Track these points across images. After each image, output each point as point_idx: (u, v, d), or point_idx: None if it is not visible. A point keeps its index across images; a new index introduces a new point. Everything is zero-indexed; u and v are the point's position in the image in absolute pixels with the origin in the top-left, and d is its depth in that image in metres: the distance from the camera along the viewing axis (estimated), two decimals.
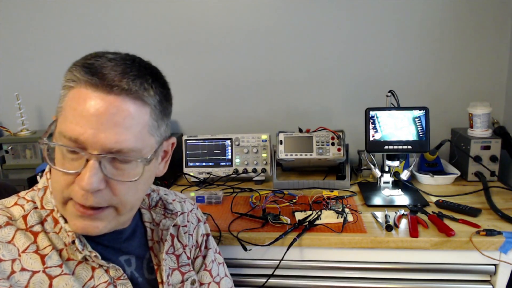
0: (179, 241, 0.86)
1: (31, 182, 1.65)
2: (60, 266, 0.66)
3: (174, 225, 0.85)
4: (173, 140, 0.76)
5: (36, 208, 0.69)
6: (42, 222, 0.68)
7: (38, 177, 1.60)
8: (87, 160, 0.61)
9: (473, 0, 1.67)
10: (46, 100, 1.94)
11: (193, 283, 0.85)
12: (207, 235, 0.95)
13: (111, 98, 0.61)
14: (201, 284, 0.89)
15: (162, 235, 0.81)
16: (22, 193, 0.73)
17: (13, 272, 0.62)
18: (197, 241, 0.92)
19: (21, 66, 1.94)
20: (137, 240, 0.79)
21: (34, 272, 0.64)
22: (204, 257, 0.92)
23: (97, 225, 0.65)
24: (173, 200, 0.90)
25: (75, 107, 0.61)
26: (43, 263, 0.65)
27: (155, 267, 0.79)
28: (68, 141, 0.61)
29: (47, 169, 0.74)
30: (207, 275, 0.91)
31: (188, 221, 0.91)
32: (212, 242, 0.97)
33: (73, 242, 0.67)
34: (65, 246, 0.68)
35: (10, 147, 1.80)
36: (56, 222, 0.69)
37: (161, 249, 0.80)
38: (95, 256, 0.68)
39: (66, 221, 0.68)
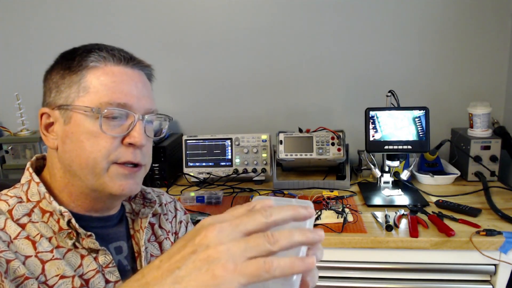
0: (161, 228, 0.87)
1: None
2: (51, 251, 0.67)
3: (155, 214, 0.88)
4: None
5: (20, 202, 0.71)
6: (29, 214, 0.69)
7: None
8: (133, 122, 0.71)
9: (473, 0, 1.67)
10: None
11: None
12: (187, 222, 0.97)
13: (138, 72, 0.75)
14: None
15: (141, 223, 0.83)
16: (3, 191, 0.74)
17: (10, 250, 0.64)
18: (175, 229, 0.93)
19: (21, 66, 1.94)
20: (124, 228, 0.81)
21: (27, 257, 0.65)
22: None
23: (138, 182, 0.74)
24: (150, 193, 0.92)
25: (113, 80, 0.71)
26: (35, 248, 0.66)
27: (136, 254, 0.81)
28: (113, 108, 0.70)
29: (28, 165, 0.76)
30: None
31: (166, 211, 0.93)
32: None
33: (69, 222, 0.68)
34: (54, 234, 0.69)
35: (10, 147, 1.79)
36: (43, 212, 0.70)
37: (141, 236, 0.81)
38: (90, 235, 0.69)
39: (60, 204, 0.69)
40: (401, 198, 1.41)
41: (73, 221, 0.68)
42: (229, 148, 1.67)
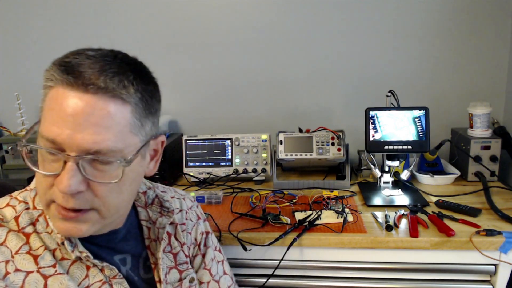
0: (177, 239, 0.85)
1: (31, 182, 1.65)
2: (54, 266, 0.65)
3: (171, 223, 0.84)
4: (162, 138, 0.74)
5: (27, 208, 0.69)
6: (33, 223, 0.68)
7: None
8: (65, 162, 0.59)
9: (473, 0, 1.67)
10: None
11: (191, 280, 0.84)
12: (207, 233, 0.94)
13: (87, 97, 0.58)
14: (201, 283, 0.89)
15: (158, 234, 0.80)
16: (15, 193, 0.72)
17: (7, 273, 0.62)
18: (195, 239, 0.91)
19: (21, 66, 1.94)
20: (133, 239, 0.79)
21: (28, 272, 0.63)
22: (204, 255, 0.91)
23: (80, 227, 0.63)
24: (172, 197, 0.89)
25: (53, 107, 0.59)
26: (36, 263, 0.64)
27: (152, 265, 0.79)
28: (46, 143, 0.59)
29: None
30: (207, 274, 0.90)
31: (186, 219, 0.89)
32: (212, 240, 0.96)
33: (63, 243, 0.66)
34: (58, 246, 0.67)
35: (10, 147, 1.79)
36: (48, 222, 0.68)
37: (157, 248, 0.79)
38: (87, 256, 0.67)
39: None
40: (401, 198, 1.41)
41: (66, 243, 0.65)
42: (229, 148, 1.67)
